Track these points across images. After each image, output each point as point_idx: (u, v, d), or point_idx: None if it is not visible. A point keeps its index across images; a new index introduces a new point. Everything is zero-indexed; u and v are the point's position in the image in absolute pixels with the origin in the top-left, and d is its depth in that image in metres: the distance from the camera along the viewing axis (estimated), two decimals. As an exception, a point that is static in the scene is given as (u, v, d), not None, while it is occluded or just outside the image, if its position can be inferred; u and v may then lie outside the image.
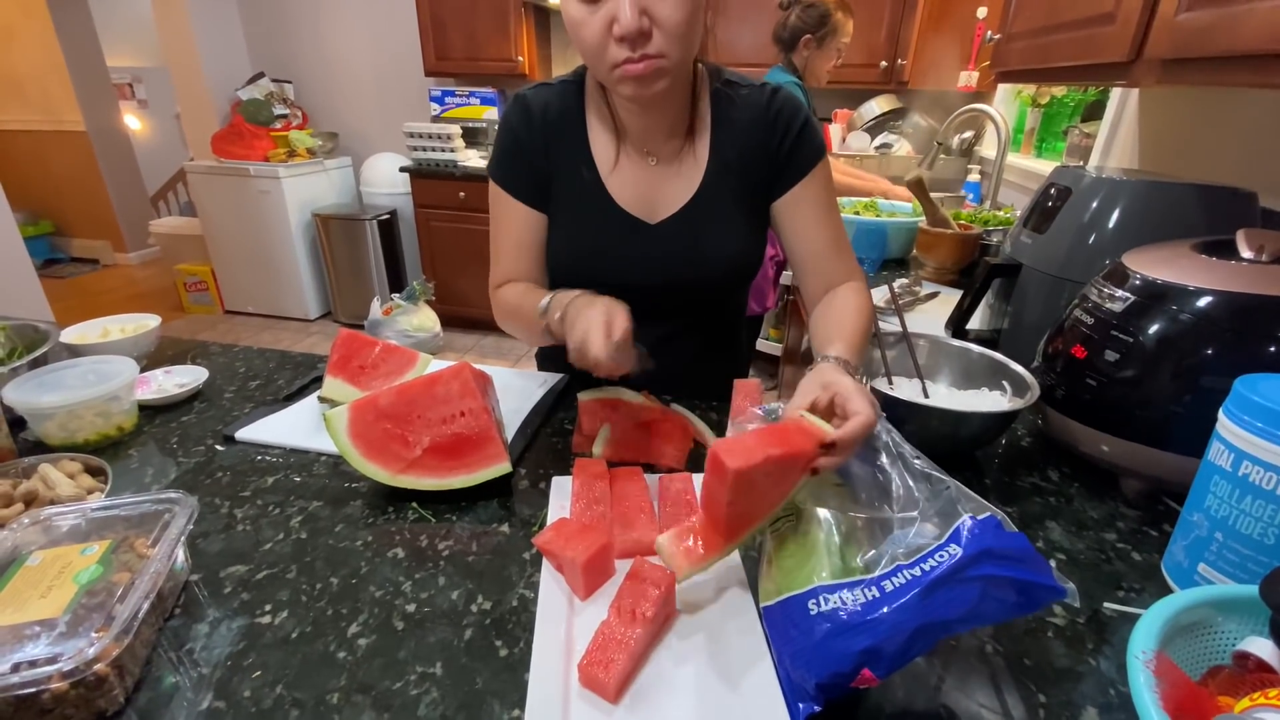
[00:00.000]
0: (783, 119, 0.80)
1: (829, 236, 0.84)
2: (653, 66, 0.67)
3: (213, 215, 3.62)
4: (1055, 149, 2.06)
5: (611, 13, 0.64)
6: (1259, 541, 0.49)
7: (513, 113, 0.82)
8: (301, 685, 0.46)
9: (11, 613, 0.44)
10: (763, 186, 0.84)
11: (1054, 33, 1.13)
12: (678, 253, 0.83)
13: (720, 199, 0.82)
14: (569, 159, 0.81)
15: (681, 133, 0.82)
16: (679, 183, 0.83)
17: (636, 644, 0.46)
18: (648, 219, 0.83)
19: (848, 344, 0.68)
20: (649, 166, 0.82)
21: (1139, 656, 0.37)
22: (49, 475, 0.61)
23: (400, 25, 3.49)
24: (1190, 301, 0.62)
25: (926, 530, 0.45)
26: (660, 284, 0.84)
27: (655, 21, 0.65)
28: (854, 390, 0.56)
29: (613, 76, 0.69)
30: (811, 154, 0.82)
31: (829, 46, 1.97)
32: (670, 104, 0.79)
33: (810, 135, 0.81)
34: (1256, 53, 0.66)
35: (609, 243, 0.83)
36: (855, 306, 0.77)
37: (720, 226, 0.83)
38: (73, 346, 0.88)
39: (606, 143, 0.82)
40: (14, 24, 4.23)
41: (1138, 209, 0.88)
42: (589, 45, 0.67)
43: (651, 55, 0.66)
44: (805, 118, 0.81)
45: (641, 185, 0.82)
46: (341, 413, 0.65)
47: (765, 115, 0.80)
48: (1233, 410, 0.50)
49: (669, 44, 0.66)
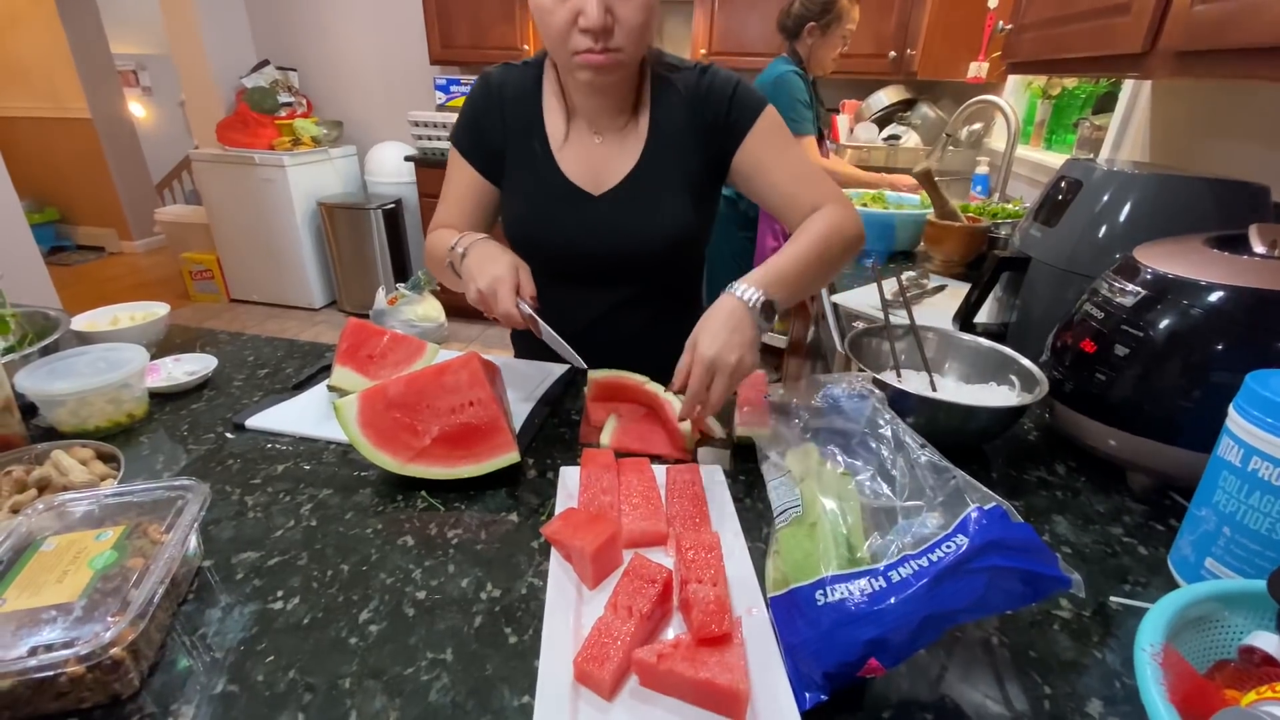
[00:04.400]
0: (714, 93, 0.85)
1: (790, 173, 0.86)
2: (612, 60, 0.75)
3: (218, 204, 3.63)
4: (1065, 141, 2.04)
5: (578, 7, 0.71)
6: (1267, 537, 0.49)
7: (477, 88, 0.90)
8: (314, 670, 0.46)
9: (28, 597, 0.45)
10: (709, 162, 0.88)
11: (1067, 23, 1.12)
12: (619, 222, 0.88)
13: (658, 173, 0.88)
14: (523, 133, 0.88)
15: (626, 111, 0.88)
16: (621, 158, 0.88)
17: (632, 640, 0.46)
18: (592, 190, 0.89)
19: (763, 271, 0.74)
20: (595, 143, 0.88)
21: (1146, 649, 0.37)
22: (62, 461, 0.62)
23: (405, 13, 3.47)
24: (1202, 296, 0.62)
25: (932, 520, 0.45)
26: (604, 252, 0.90)
27: (617, 20, 0.72)
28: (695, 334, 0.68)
29: (573, 62, 0.76)
30: (749, 111, 0.85)
31: (834, 34, 1.95)
32: (620, 86, 0.85)
33: (744, 95, 0.86)
34: (1272, 45, 0.65)
35: (556, 211, 0.89)
36: (808, 231, 0.80)
37: (658, 199, 0.88)
38: (82, 334, 0.89)
39: (558, 120, 0.88)
40: (19, 11, 4.22)
41: (1149, 203, 0.88)
42: (553, 32, 0.74)
43: (611, 49, 0.74)
44: (735, 84, 0.86)
45: (587, 160, 0.89)
46: (351, 402, 0.66)
47: (697, 93, 0.86)
48: (1244, 406, 0.50)
49: (627, 40, 0.74)
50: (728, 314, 0.68)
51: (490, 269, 0.74)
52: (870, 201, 1.74)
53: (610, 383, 0.81)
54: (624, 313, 0.96)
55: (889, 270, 1.52)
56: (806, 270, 0.77)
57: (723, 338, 0.66)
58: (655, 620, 0.50)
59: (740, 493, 0.67)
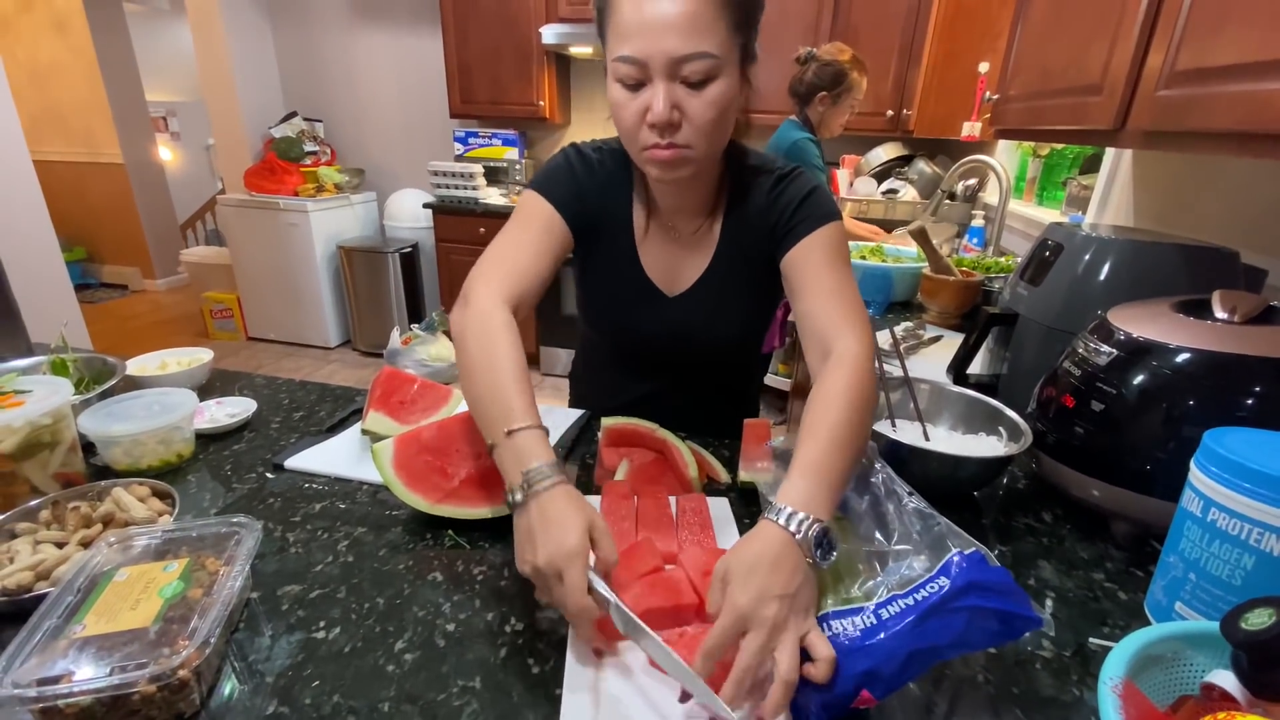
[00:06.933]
0: (785, 197, 0.83)
1: (826, 289, 0.77)
2: (678, 155, 0.72)
3: (242, 246, 3.77)
4: (1056, 197, 2.13)
5: (648, 101, 0.70)
6: (1227, 583, 0.53)
7: (572, 155, 0.87)
8: (356, 694, 0.51)
9: (106, 622, 0.50)
10: (768, 259, 0.85)
11: (1046, 98, 1.21)
12: (690, 322, 0.91)
13: (729, 276, 0.89)
14: (612, 217, 0.88)
15: (705, 212, 0.88)
16: (695, 259, 0.89)
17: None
18: (667, 290, 0.91)
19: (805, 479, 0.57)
20: (671, 240, 0.89)
21: (1108, 683, 0.42)
22: (122, 499, 0.68)
23: (428, 69, 3.67)
24: (1168, 358, 0.68)
25: (918, 563, 0.50)
26: (673, 350, 0.94)
27: (685, 116, 0.70)
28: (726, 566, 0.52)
29: (643, 157, 0.75)
30: (812, 219, 0.81)
31: (843, 103, 2.07)
32: (697, 187, 0.85)
33: (813, 203, 0.82)
34: (1225, 131, 0.72)
35: (634, 308, 0.91)
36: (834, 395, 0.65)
37: (728, 302, 0.90)
38: (132, 378, 0.95)
39: (640, 212, 0.89)
40: (61, 61, 4.47)
41: (1125, 266, 0.94)
42: (625, 126, 0.73)
43: (679, 145, 0.72)
44: (811, 190, 0.83)
45: (665, 258, 0.90)
46: (387, 445, 0.71)
47: (769, 196, 0.84)
48: (1202, 461, 0.55)
49: (696, 137, 0.72)
50: (766, 547, 0.52)
51: (558, 536, 0.53)
52: (869, 254, 1.83)
53: (623, 429, 0.87)
54: (674, 392, 0.99)
55: (886, 320, 1.59)
56: (849, 463, 0.61)
57: (758, 581, 0.49)
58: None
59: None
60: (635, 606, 0.53)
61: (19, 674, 0.46)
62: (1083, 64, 1.05)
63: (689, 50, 0.67)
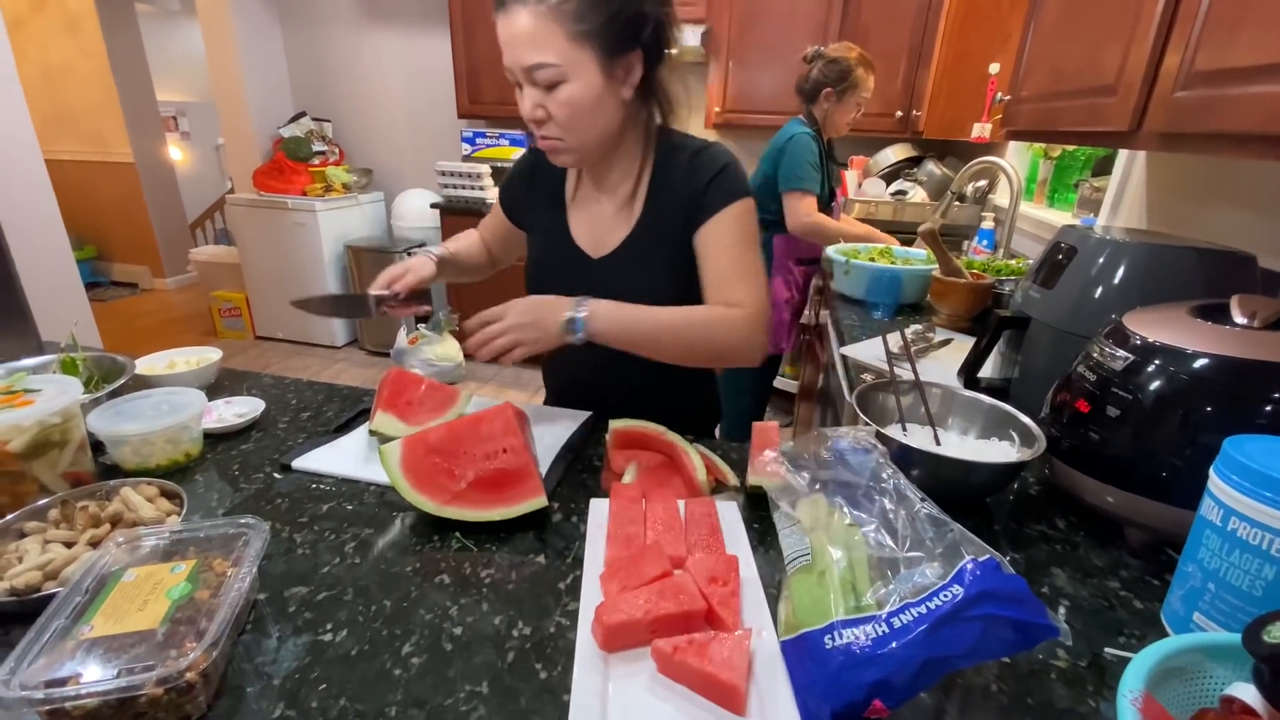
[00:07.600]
0: (700, 171, 0.91)
1: (724, 266, 0.91)
2: (552, 146, 0.87)
3: (250, 245, 3.78)
4: (1067, 200, 2.11)
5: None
6: (1247, 593, 0.52)
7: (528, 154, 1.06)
8: (362, 698, 0.50)
9: (113, 624, 0.50)
10: (684, 232, 0.94)
11: (1059, 99, 1.20)
12: (613, 286, 0.94)
13: (648, 244, 0.96)
14: (548, 195, 1.02)
15: (625, 186, 0.97)
16: (619, 226, 0.97)
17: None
18: (592, 253, 0.98)
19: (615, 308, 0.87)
20: (598, 207, 0.99)
21: (1127, 695, 0.41)
22: (130, 498, 0.68)
23: (436, 70, 3.68)
24: (1186, 363, 0.67)
25: (931, 570, 0.50)
26: None
27: (549, 113, 0.83)
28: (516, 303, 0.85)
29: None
30: (722, 196, 0.90)
31: (849, 100, 2.06)
32: (605, 168, 0.96)
33: (724, 180, 0.90)
34: (1248, 133, 0.71)
35: (562, 271, 1.00)
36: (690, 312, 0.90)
37: (649, 268, 0.96)
38: (141, 377, 0.96)
39: (573, 179, 1.02)
40: (73, 62, 4.52)
41: (1140, 269, 0.93)
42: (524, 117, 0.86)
43: (550, 137, 0.86)
44: (723, 166, 0.91)
45: (591, 222, 0.99)
46: (395, 447, 0.71)
47: (688, 169, 0.92)
48: (1222, 469, 0.54)
49: (560, 131, 0.85)
50: (549, 307, 0.85)
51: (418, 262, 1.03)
52: (878, 256, 1.81)
53: (630, 432, 0.86)
54: (622, 365, 0.98)
55: (896, 323, 1.58)
56: (653, 333, 0.88)
57: (530, 318, 0.84)
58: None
59: (755, 540, 0.71)
60: (645, 613, 0.54)
61: (27, 675, 0.45)
62: (1097, 65, 1.04)
63: (532, 61, 0.79)
